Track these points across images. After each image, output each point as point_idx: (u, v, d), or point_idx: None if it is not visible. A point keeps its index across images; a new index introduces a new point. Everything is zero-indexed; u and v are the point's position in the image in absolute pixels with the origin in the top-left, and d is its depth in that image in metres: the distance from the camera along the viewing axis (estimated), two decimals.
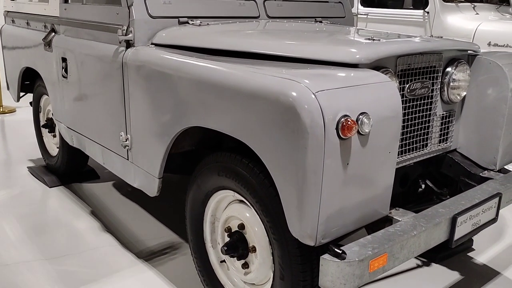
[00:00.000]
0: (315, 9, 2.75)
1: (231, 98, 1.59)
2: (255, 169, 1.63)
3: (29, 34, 3.14)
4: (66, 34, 2.73)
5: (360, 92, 1.48)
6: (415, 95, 1.87)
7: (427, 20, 4.37)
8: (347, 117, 1.38)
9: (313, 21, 2.68)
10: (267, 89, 1.46)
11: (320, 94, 1.37)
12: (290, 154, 1.41)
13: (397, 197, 2.05)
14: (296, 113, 1.36)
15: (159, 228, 2.74)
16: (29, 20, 3.17)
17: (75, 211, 2.96)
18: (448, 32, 4.17)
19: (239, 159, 1.69)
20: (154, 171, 2.07)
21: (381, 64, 1.71)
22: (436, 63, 1.94)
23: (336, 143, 1.38)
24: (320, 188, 1.39)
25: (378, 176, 1.55)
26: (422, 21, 4.43)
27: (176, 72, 1.84)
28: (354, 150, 1.43)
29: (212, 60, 1.78)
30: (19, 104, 3.86)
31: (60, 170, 3.36)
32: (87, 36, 2.50)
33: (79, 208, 3.01)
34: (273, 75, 1.49)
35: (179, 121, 1.86)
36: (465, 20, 4.22)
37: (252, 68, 1.60)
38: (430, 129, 2.00)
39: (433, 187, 2.16)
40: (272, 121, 1.44)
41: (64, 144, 3.15)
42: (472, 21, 4.17)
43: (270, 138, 1.46)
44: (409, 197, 2.17)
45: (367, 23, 4.88)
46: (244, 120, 1.55)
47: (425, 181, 2.18)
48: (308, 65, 1.65)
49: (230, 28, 2.21)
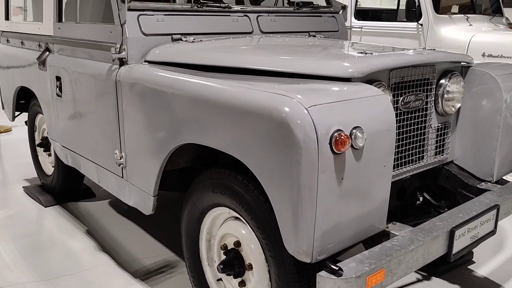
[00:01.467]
0: (308, 23, 2.77)
1: (224, 114, 1.59)
2: (250, 185, 1.62)
3: (23, 54, 3.15)
4: (60, 53, 2.74)
5: (353, 106, 1.48)
6: (409, 107, 1.88)
7: (421, 32, 4.41)
8: (340, 132, 1.38)
9: (306, 36, 2.70)
10: (260, 105, 1.46)
11: (313, 109, 1.38)
12: (284, 170, 1.40)
13: (395, 210, 2.05)
14: (289, 128, 1.36)
15: (155, 247, 2.72)
16: (24, 39, 3.19)
17: (70, 231, 2.94)
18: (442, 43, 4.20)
19: (233, 175, 1.68)
20: (149, 189, 2.06)
21: (374, 77, 1.72)
22: (429, 75, 1.95)
23: (330, 158, 1.38)
24: (315, 203, 1.38)
25: (373, 190, 1.54)
26: (416, 33, 4.47)
27: (170, 89, 1.85)
28: (349, 164, 1.43)
29: (205, 76, 1.79)
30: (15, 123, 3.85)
31: (55, 189, 3.34)
32: (81, 55, 2.51)
33: (74, 227, 2.99)
34: (266, 91, 1.49)
35: (173, 138, 1.86)
36: (459, 32, 4.26)
37: (245, 84, 1.60)
38: (425, 141, 2.00)
39: (430, 199, 2.16)
40: (265, 137, 1.44)
41: (59, 163, 3.14)
42: (465, 32, 4.21)
43: (263, 154, 1.46)
44: (407, 211, 2.16)
45: (361, 36, 4.92)
46: (237, 136, 1.55)
47: (423, 194, 2.17)
48: (301, 80, 1.65)
49: (224, 44, 2.23)
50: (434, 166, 2.09)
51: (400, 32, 4.60)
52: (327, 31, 2.85)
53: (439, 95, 2.00)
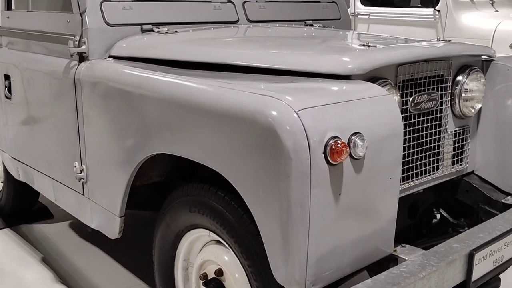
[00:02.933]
0: (304, 10, 2.80)
1: (201, 119, 1.60)
2: (233, 203, 1.63)
3: None
4: (9, 47, 2.75)
5: (352, 108, 1.50)
6: (421, 109, 1.90)
7: (438, 20, 4.46)
8: (336, 139, 1.39)
9: (302, 25, 2.72)
10: (242, 108, 1.47)
11: (304, 112, 1.39)
12: (270, 184, 1.41)
13: (406, 231, 2.07)
14: (276, 135, 1.37)
15: (122, 276, 2.71)
16: None
17: (23, 258, 2.92)
18: (463, 33, 4.25)
19: (213, 191, 1.69)
20: (114, 208, 2.06)
21: (378, 74, 1.74)
22: (444, 71, 1.97)
23: (324, 170, 1.39)
24: (308, 223, 1.39)
25: (378, 207, 1.56)
26: (432, 21, 4.51)
27: (138, 90, 1.86)
28: (347, 177, 1.44)
29: (180, 74, 1.80)
30: None
31: (5, 209, 3.33)
32: (34, 49, 2.52)
33: (28, 254, 2.97)
34: (249, 91, 1.50)
35: (143, 148, 1.87)
36: (482, 19, 4.31)
37: (226, 83, 1.62)
38: (441, 149, 2.02)
39: (448, 217, 2.18)
40: (248, 145, 1.45)
41: (9, 178, 3.13)
42: (490, 20, 4.26)
43: (247, 165, 1.47)
44: (421, 231, 2.18)
45: (369, 25, 4.97)
46: (216, 145, 1.56)
47: (439, 211, 2.19)
48: (291, 78, 1.67)
49: (203, 36, 2.25)
50: (452, 178, 2.11)
51: (414, 19, 4.65)
52: (327, 19, 2.87)
53: (456, 94, 2.02)
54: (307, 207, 1.38)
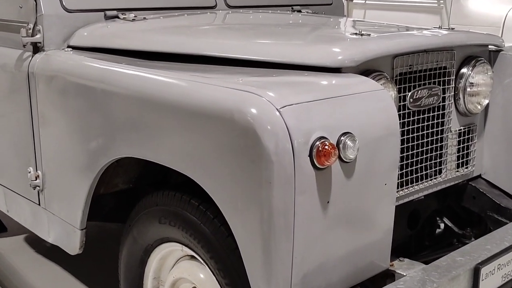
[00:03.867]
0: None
1: (171, 118, 1.60)
2: (208, 213, 1.63)
3: None
4: None
5: (342, 105, 1.50)
6: (421, 105, 1.91)
7: (442, 5, 4.50)
8: (324, 140, 1.40)
9: (288, 11, 2.73)
10: (218, 105, 1.47)
11: (288, 110, 1.39)
12: (250, 192, 1.41)
13: (406, 242, 2.08)
14: (256, 136, 1.37)
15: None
16: None
17: None
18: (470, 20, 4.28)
19: (186, 200, 1.69)
20: (74, 220, 2.05)
21: (372, 67, 1.74)
22: (447, 63, 1.98)
23: (310, 175, 1.39)
24: (292, 236, 1.39)
25: (372, 217, 1.56)
26: (436, 7, 4.54)
27: (101, 85, 1.85)
28: (336, 183, 1.44)
29: (148, 67, 1.80)
30: None
31: None
32: None
33: None
34: (226, 86, 1.50)
35: (107, 151, 1.86)
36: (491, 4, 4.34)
37: (200, 77, 1.61)
38: (443, 150, 2.03)
39: (452, 227, 2.19)
40: (225, 147, 1.45)
41: None
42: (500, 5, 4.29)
43: (223, 170, 1.47)
44: (423, 242, 2.20)
45: (365, 11, 4.99)
46: (188, 148, 1.55)
47: (443, 220, 2.21)
48: (274, 71, 1.67)
49: (175, 24, 2.24)
50: (456, 183, 2.12)
51: (415, 5, 4.68)
52: (317, 4, 2.89)
53: (460, 88, 2.03)
54: (291, 217, 1.38)
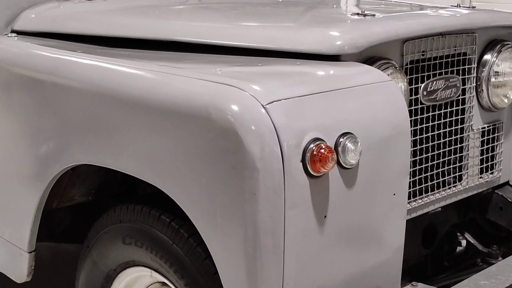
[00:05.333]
0: None
1: (136, 117, 1.60)
2: (182, 231, 1.63)
3: None
4: None
5: (341, 100, 1.51)
6: (436, 99, 1.92)
7: None
8: (319, 142, 1.40)
9: None
10: (192, 101, 1.47)
11: (275, 106, 1.39)
12: (231, 205, 1.42)
13: (421, 263, 2.09)
14: (237, 138, 1.37)
15: None
16: None
17: None
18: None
19: (155, 215, 1.69)
20: (21, 241, 2.04)
21: (378, 53, 1.75)
22: (467, 48, 1.99)
23: (303, 185, 1.40)
24: (282, 258, 1.39)
25: (378, 234, 1.57)
26: None
27: (52, 77, 1.85)
28: (335, 193, 1.45)
29: (108, 56, 1.79)
30: None
31: None
32: None
33: None
34: (201, 78, 1.50)
35: (59, 157, 1.86)
36: None
37: (170, 67, 1.61)
38: (464, 153, 2.04)
39: (476, 244, 2.20)
40: (200, 152, 1.45)
41: None
42: None
43: (198, 180, 1.47)
44: (441, 262, 2.22)
45: None
46: (157, 153, 1.55)
47: (464, 235, 2.21)
48: (260, 60, 1.67)
49: (141, 3, 2.24)
50: (480, 191, 2.13)
51: None
52: None
53: (483, 79, 2.04)
54: (281, 235, 1.38)
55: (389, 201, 1.57)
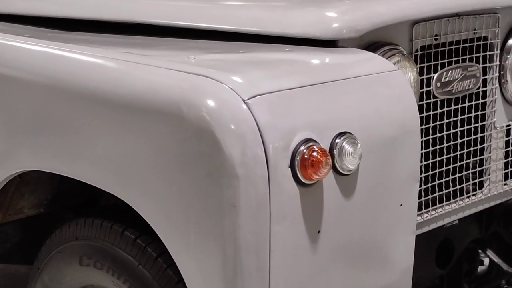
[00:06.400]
0: None
1: (92, 113, 1.59)
2: (149, 249, 1.63)
3: None
4: None
5: (338, 94, 1.50)
6: (452, 92, 1.92)
7: None
8: (311, 144, 1.39)
9: None
10: (159, 96, 1.46)
11: (259, 101, 1.38)
12: (207, 219, 1.41)
13: (434, 286, 2.10)
14: (214, 139, 1.36)
15: None
16: None
17: None
18: None
19: (117, 231, 1.68)
20: None
21: (382, 38, 1.75)
22: (488, 31, 1.99)
23: (292, 194, 1.39)
24: (268, 281, 1.39)
25: (382, 252, 1.57)
26: None
27: None
28: (330, 205, 1.44)
29: (60, 41, 1.79)
30: None
31: None
32: None
33: None
34: (172, 68, 1.50)
35: (3, 162, 1.86)
36: None
37: (134, 54, 1.61)
38: (485, 155, 2.04)
39: (500, 263, 2.20)
40: (170, 156, 1.45)
41: None
42: None
43: (168, 189, 1.46)
44: (461, 284, 2.20)
45: None
46: (117, 156, 1.55)
47: (486, 253, 2.21)
48: (241, 46, 1.67)
49: None
50: (505, 201, 2.14)
51: None
52: None
53: (508, 67, 2.05)
54: (266, 255, 1.37)
55: (395, 213, 1.57)
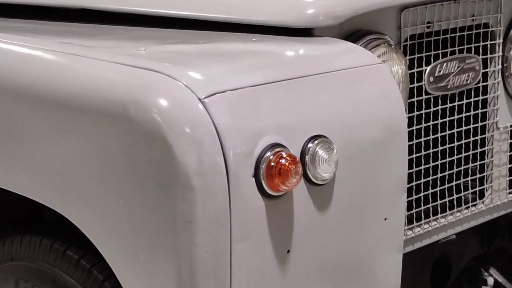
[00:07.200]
0: None
1: (25, 113, 1.59)
2: (95, 271, 1.62)
3: None
4: None
5: (311, 91, 1.49)
6: (448, 88, 1.92)
7: None
8: (279, 149, 1.38)
9: None
10: (103, 94, 1.45)
11: (219, 100, 1.37)
12: (159, 237, 1.40)
13: None
14: (166, 145, 1.35)
15: None
16: None
17: None
18: None
19: (58, 250, 1.67)
20: None
21: (365, 26, 1.76)
22: (488, 18, 1.99)
23: (257, 208, 1.37)
24: None
25: (364, 273, 1.56)
26: None
27: None
28: (301, 220, 1.43)
29: None
30: None
31: None
32: None
33: None
34: (118, 61, 1.50)
35: None
36: None
37: (76, 46, 1.61)
38: (487, 160, 2.05)
39: (505, 283, 2.22)
40: (115, 164, 1.44)
41: None
42: None
43: (113, 202, 1.45)
44: None
45: None
46: (54, 164, 1.55)
47: (489, 271, 2.22)
48: (202, 35, 1.68)
49: None
50: (510, 212, 2.15)
51: None
52: None
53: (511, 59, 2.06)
54: (226, 279, 1.37)
55: (379, 228, 1.56)
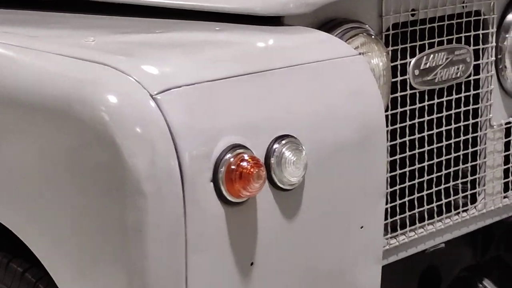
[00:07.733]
0: None
1: None
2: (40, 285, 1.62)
3: None
4: None
5: (278, 86, 1.49)
6: (436, 82, 1.93)
7: None
8: (240, 151, 1.37)
9: None
10: (45, 88, 1.44)
11: (173, 97, 1.36)
12: (106, 248, 1.39)
13: None
14: (114, 146, 1.33)
15: None
16: None
17: None
18: None
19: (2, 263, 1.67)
20: None
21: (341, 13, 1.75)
22: (480, 5, 1.99)
23: (216, 216, 1.36)
24: None
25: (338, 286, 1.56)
26: None
27: None
28: (266, 229, 1.42)
29: None
30: None
31: None
32: None
33: None
34: (61, 53, 1.49)
35: None
36: None
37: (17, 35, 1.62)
38: (479, 161, 2.05)
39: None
40: (59, 167, 1.43)
41: None
42: None
43: (58, 210, 1.44)
44: None
45: None
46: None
47: (483, 283, 2.23)
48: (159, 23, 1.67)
49: None
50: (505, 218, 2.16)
51: None
52: None
53: (506, 50, 2.06)
54: None
55: (354, 237, 1.56)
